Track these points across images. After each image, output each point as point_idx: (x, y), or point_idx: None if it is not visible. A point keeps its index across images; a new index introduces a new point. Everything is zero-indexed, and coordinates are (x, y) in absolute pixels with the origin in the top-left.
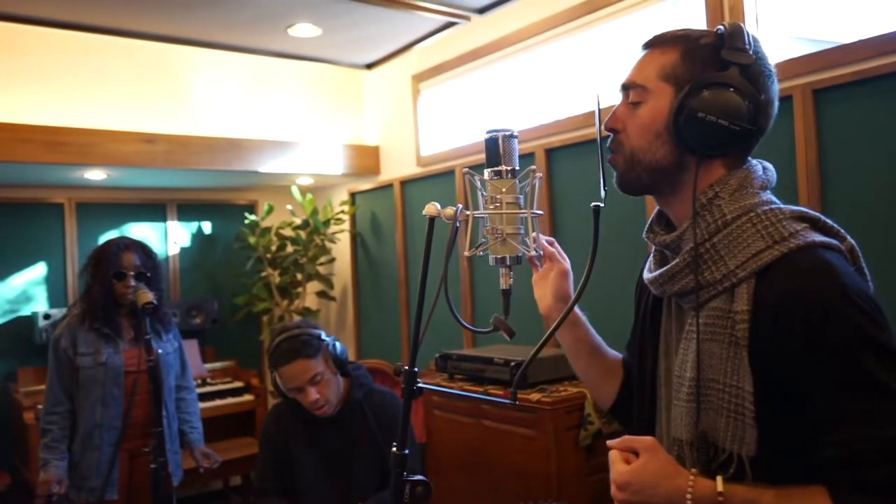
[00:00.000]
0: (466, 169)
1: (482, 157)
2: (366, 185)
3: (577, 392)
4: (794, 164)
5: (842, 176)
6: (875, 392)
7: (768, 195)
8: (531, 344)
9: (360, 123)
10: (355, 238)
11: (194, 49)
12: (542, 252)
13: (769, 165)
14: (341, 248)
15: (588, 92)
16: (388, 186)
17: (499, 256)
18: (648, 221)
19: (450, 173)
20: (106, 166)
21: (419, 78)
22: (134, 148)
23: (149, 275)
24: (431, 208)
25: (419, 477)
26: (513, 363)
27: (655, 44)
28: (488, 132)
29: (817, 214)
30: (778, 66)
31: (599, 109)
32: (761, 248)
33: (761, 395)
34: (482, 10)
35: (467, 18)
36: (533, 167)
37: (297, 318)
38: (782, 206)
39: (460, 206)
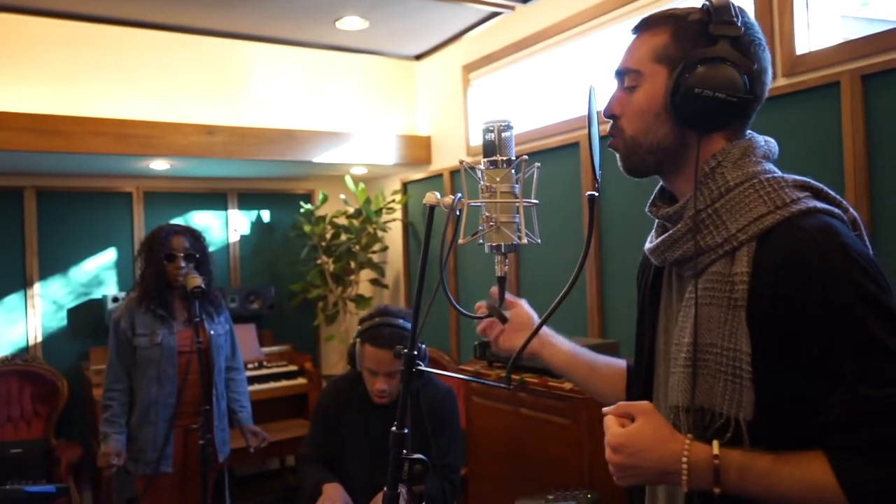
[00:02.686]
0: (462, 159)
1: (530, 146)
2: (417, 175)
3: None
4: (841, 154)
5: (891, 166)
6: (875, 352)
7: (770, 165)
8: (557, 328)
9: (412, 114)
10: (407, 227)
11: (250, 44)
12: (539, 241)
13: (770, 138)
14: (393, 236)
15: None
16: (438, 176)
17: (494, 244)
18: (651, 196)
19: None
20: (169, 157)
21: (469, 68)
22: (195, 139)
23: (198, 256)
24: (431, 197)
25: (418, 455)
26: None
27: (645, 27)
28: (485, 123)
29: (820, 185)
30: (824, 52)
31: (592, 101)
32: (763, 212)
33: (760, 357)
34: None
35: (511, 7)
36: (525, 157)
37: (350, 304)
38: (785, 174)
39: (459, 195)
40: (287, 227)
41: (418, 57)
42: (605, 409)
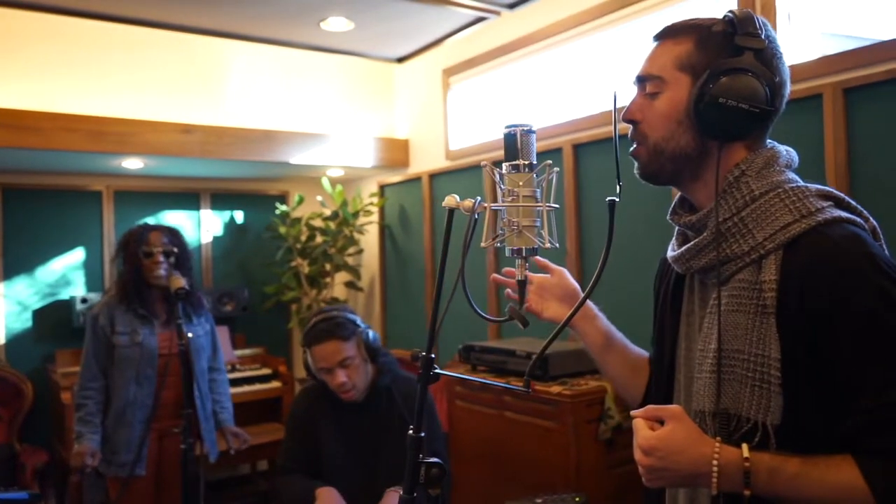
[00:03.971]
0: (485, 163)
1: None
2: (395, 178)
3: (597, 385)
4: (823, 165)
5: (872, 177)
6: None
7: (792, 174)
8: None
9: (391, 116)
10: (383, 230)
11: (230, 42)
12: (556, 245)
13: (790, 148)
14: (369, 239)
15: (615, 88)
16: (416, 179)
17: (515, 248)
18: (672, 205)
19: (478, 167)
20: (144, 155)
21: (449, 72)
22: (171, 138)
23: (176, 251)
24: (451, 200)
25: (434, 459)
26: (534, 356)
27: (668, 34)
28: (507, 127)
29: (841, 194)
30: (807, 64)
31: (616, 106)
32: (789, 221)
33: (788, 363)
34: (512, 6)
35: (497, 13)
36: (549, 162)
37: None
38: (808, 184)
39: (479, 198)
40: (260, 229)
41: (400, 60)
42: (633, 413)
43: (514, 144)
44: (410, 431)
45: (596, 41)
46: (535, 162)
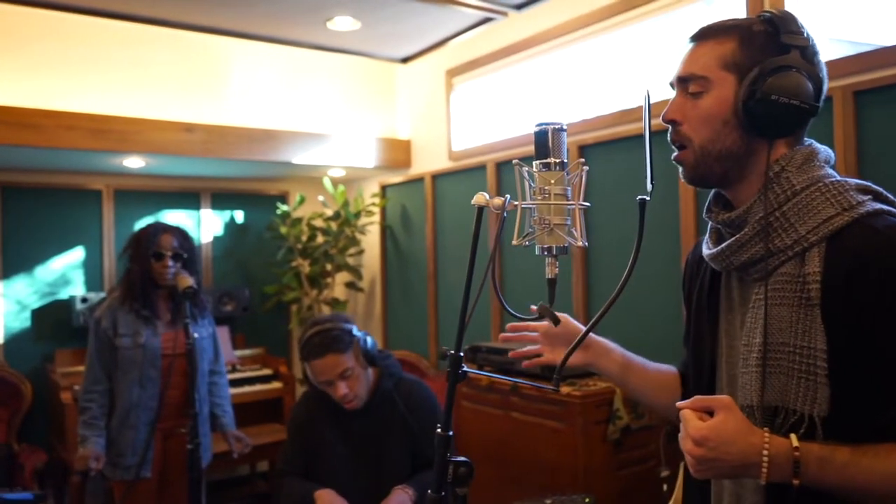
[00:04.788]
0: (517, 160)
1: (514, 152)
2: (397, 179)
3: (606, 386)
4: (833, 167)
5: (882, 179)
6: None
7: (831, 170)
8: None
9: (393, 117)
10: (385, 230)
11: (234, 40)
12: (586, 243)
13: (826, 146)
14: (371, 240)
15: (622, 90)
16: (418, 180)
17: (546, 246)
18: (707, 202)
19: (481, 168)
20: (145, 154)
21: (453, 73)
22: (173, 136)
23: (186, 256)
24: (480, 198)
25: (462, 458)
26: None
27: (708, 35)
28: (538, 125)
29: (879, 188)
30: None
31: (649, 104)
32: (832, 214)
33: (834, 353)
34: (520, 6)
35: (504, 14)
36: (581, 160)
37: (325, 308)
38: (847, 178)
39: (508, 196)
40: (261, 229)
41: (405, 60)
42: (679, 404)
43: (545, 142)
44: (438, 430)
45: (601, 43)
46: (566, 160)
